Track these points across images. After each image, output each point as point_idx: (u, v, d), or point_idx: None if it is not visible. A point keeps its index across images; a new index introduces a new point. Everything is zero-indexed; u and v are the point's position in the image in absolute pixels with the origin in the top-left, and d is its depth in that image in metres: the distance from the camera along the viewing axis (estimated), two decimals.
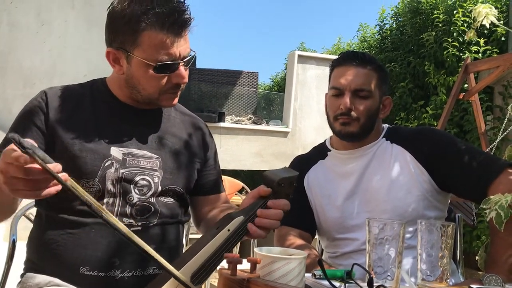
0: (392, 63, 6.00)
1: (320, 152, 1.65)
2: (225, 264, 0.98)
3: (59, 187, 0.90)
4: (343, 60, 1.54)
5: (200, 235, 1.22)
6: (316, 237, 1.65)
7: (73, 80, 1.43)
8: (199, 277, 1.00)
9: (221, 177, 1.52)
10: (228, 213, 1.11)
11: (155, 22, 1.19)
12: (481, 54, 5.24)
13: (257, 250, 0.99)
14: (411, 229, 1.42)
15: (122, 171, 1.25)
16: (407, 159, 1.49)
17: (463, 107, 5.23)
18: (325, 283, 1.03)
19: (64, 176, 0.88)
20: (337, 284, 1.02)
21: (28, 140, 0.86)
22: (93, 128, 1.27)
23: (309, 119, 6.16)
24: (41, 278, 1.22)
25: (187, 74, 1.29)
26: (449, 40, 5.36)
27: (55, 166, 0.87)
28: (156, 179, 1.29)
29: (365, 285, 0.95)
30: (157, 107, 1.36)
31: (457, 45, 5.36)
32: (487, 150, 3.87)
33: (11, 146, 0.89)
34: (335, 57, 1.63)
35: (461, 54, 5.37)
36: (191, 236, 2.81)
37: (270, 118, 6.67)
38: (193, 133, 1.44)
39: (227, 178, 4.07)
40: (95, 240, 1.21)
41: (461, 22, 5.39)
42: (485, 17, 1.74)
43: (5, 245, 1.72)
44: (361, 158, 1.54)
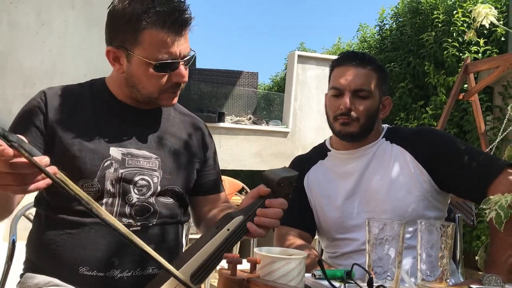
0: (392, 63, 6.00)
1: (320, 152, 1.65)
2: (225, 264, 0.98)
3: (49, 181, 0.87)
4: (343, 60, 1.54)
5: (200, 235, 1.22)
6: (316, 237, 1.66)
7: (73, 80, 1.43)
8: (199, 276, 1.00)
9: (221, 177, 1.52)
10: (227, 213, 1.11)
11: (156, 20, 1.19)
12: (481, 54, 5.23)
13: (257, 250, 0.99)
14: (411, 229, 1.42)
15: (121, 171, 1.25)
16: (407, 159, 1.49)
17: (463, 107, 5.23)
18: (325, 283, 1.03)
19: (52, 169, 0.85)
20: (337, 284, 1.02)
21: (18, 136, 0.83)
22: (92, 128, 1.27)
23: (309, 119, 6.16)
24: (40, 278, 1.22)
25: (187, 73, 1.29)
26: (449, 40, 5.36)
27: (42, 159, 0.84)
28: (155, 179, 1.29)
29: (365, 285, 0.95)
30: (157, 106, 1.36)
31: (457, 45, 5.35)
32: (487, 150, 3.87)
33: None
34: (335, 57, 1.63)
35: (461, 54, 5.36)
36: (191, 236, 2.81)
37: (270, 118, 6.67)
38: (193, 133, 1.44)
39: (227, 178, 4.07)
40: (95, 240, 1.21)
41: (461, 22, 5.39)
42: (484, 17, 1.74)
43: (4, 245, 1.73)
44: (361, 158, 1.54)
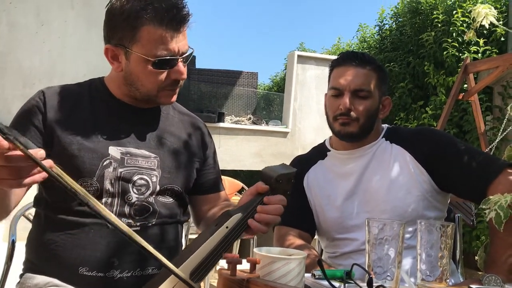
0: (391, 63, 6.00)
1: (319, 152, 1.65)
2: (224, 264, 0.98)
3: (45, 174, 0.86)
4: (343, 60, 1.54)
5: None
6: (315, 237, 1.66)
7: (73, 80, 1.42)
8: (198, 274, 0.99)
9: (221, 176, 1.52)
10: (226, 210, 1.11)
11: (154, 17, 1.19)
12: (480, 54, 5.23)
13: (257, 250, 0.99)
14: (410, 229, 1.42)
15: (120, 170, 1.25)
16: (407, 159, 1.49)
17: (462, 107, 5.23)
18: (325, 283, 1.03)
19: (48, 162, 0.85)
20: (336, 284, 1.02)
21: (13, 129, 0.82)
22: (91, 127, 1.27)
23: (309, 119, 6.16)
24: (40, 278, 1.21)
25: (186, 70, 1.29)
26: (449, 40, 5.36)
27: (37, 151, 0.84)
28: (154, 178, 1.29)
29: (364, 285, 0.95)
30: (156, 104, 1.36)
31: (456, 45, 5.35)
32: (486, 150, 3.87)
33: None
34: (334, 57, 1.63)
35: (460, 54, 5.36)
36: (190, 236, 2.81)
37: (269, 118, 6.66)
38: (192, 132, 1.44)
39: (226, 178, 4.07)
40: (94, 240, 1.21)
41: (461, 22, 5.38)
42: (484, 17, 1.74)
43: (4, 245, 1.72)
44: (360, 158, 1.54)
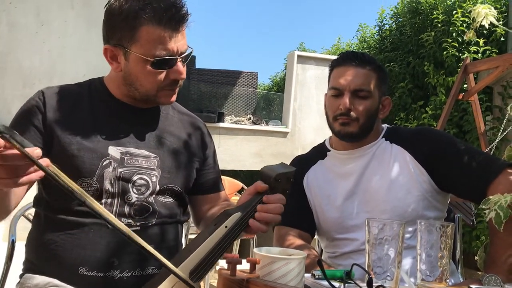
0: (391, 63, 6.00)
1: (319, 152, 1.65)
2: (224, 264, 0.98)
3: (42, 173, 0.86)
4: (343, 60, 1.54)
5: None
6: (315, 237, 1.65)
7: (73, 80, 1.42)
8: (198, 274, 1.00)
9: (220, 176, 1.52)
10: (225, 210, 1.11)
11: (153, 17, 1.19)
12: (480, 54, 5.23)
13: (257, 250, 0.99)
14: (410, 229, 1.42)
15: (120, 170, 1.25)
16: (407, 159, 1.49)
17: (462, 107, 5.23)
18: (325, 283, 1.03)
19: (45, 161, 0.84)
20: (336, 284, 1.02)
21: (9, 128, 0.82)
22: (91, 127, 1.27)
23: (309, 119, 6.16)
24: (40, 278, 1.21)
25: (185, 70, 1.29)
26: (449, 40, 5.36)
27: (33, 150, 0.83)
28: (154, 178, 1.29)
29: (364, 285, 0.95)
30: (155, 104, 1.36)
31: (456, 45, 5.35)
32: (486, 150, 3.87)
33: None
34: (334, 57, 1.63)
35: (460, 54, 5.36)
36: (190, 236, 2.81)
37: (269, 118, 6.66)
38: (192, 132, 1.44)
39: (226, 178, 4.07)
40: (94, 240, 1.21)
41: (461, 22, 5.38)
42: (484, 17, 1.74)
43: (4, 245, 1.72)
44: (360, 158, 1.54)
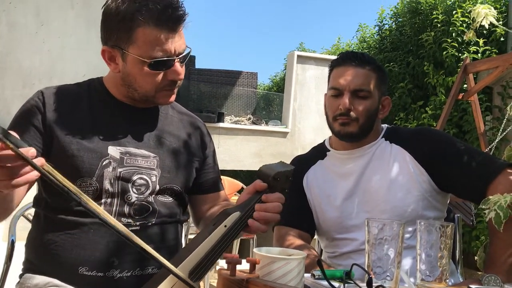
0: (391, 63, 6.00)
1: (319, 152, 1.65)
2: (224, 264, 0.98)
3: (38, 173, 0.85)
4: (342, 60, 1.54)
5: None
6: (315, 237, 1.65)
7: (72, 80, 1.42)
8: (197, 273, 0.99)
9: (220, 176, 1.52)
10: (224, 209, 1.11)
11: (149, 18, 1.19)
12: (480, 54, 5.23)
13: (256, 250, 0.99)
14: (410, 229, 1.42)
15: (119, 170, 1.25)
16: (407, 159, 1.49)
17: (462, 107, 5.23)
18: (324, 283, 1.03)
19: (39, 160, 0.84)
20: (336, 284, 1.02)
21: (2, 128, 0.81)
22: (90, 127, 1.27)
23: (308, 120, 6.16)
24: (39, 278, 1.21)
25: (183, 70, 1.28)
26: (448, 40, 5.36)
27: (28, 150, 0.83)
28: (153, 178, 1.29)
29: (364, 286, 0.95)
30: (154, 105, 1.36)
31: (456, 45, 5.35)
32: (486, 150, 3.87)
33: None
34: (334, 57, 1.63)
35: (460, 54, 5.36)
36: (190, 236, 2.81)
37: (269, 118, 6.66)
38: (191, 132, 1.44)
39: (226, 178, 4.07)
40: (94, 240, 1.21)
41: (460, 22, 5.39)
42: (484, 17, 1.74)
43: (4, 245, 1.72)
44: (360, 158, 1.54)
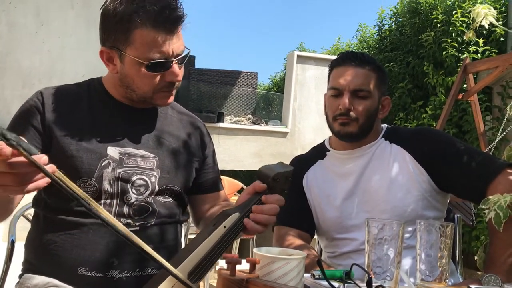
0: (391, 64, 6.00)
1: (319, 152, 1.65)
2: (224, 264, 0.98)
3: (49, 180, 0.85)
4: (342, 60, 1.53)
5: None
6: (315, 237, 1.65)
7: (72, 80, 1.42)
8: (197, 274, 0.99)
9: (220, 176, 1.52)
10: (223, 210, 1.10)
11: (146, 20, 1.18)
12: (480, 54, 5.24)
13: (256, 250, 0.99)
14: (410, 229, 1.42)
15: (119, 170, 1.25)
16: (406, 159, 1.49)
17: (462, 107, 5.23)
18: (324, 283, 1.03)
19: (51, 167, 0.84)
20: (336, 284, 1.02)
21: (15, 135, 0.81)
22: (89, 127, 1.27)
23: (308, 120, 6.16)
24: (39, 279, 1.21)
25: (182, 72, 1.28)
26: (448, 40, 5.37)
27: (40, 157, 0.83)
28: (153, 179, 1.29)
29: (364, 286, 0.95)
30: (152, 106, 1.35)
31: (456, 45, 5.36)
32: (486, 150, 3.87)
33: None
34: (334, 57, 1.63)
35: (460, 54, 5.37)
36: (190, 236, 2.81)
37: (269, 118, 6.66)
38: (191, 132, 1.44)
39: (226, 178, 4.07)
40: (93, 240, 1.21)
41: (460, 22, 5.39)
42: (484, 17, 1.74)
43: (3, 245, 1.72)
44: (360, 158, 1.54)
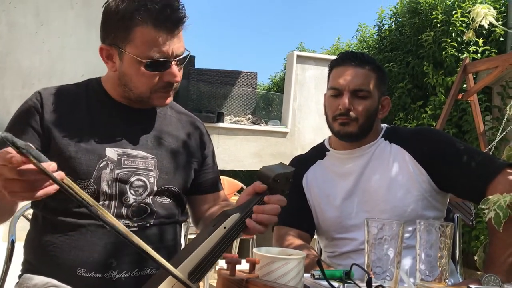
0: (391, 63, 6.00)
1: (318, 152, 1.65)
2: (224, 264, 0.98)
3: (57, 186, 0.87)
4: (342, 60, 1.53)
5: None
6: (314, 237, 1.65)
7: (72, 80, 1.42)
8: (197, 275, 0.99)
9: (219, 176, 1.51)
10: (224, 210, 1.11)
11: (148, 18, 1.18)
12: (479, 54, 5.24)
13: (256, 250, 0.99)
14: (410, 229, 1.42)
15: (117, 171, 1.25)
16: (406, 159, 1.49)
17: (461, 107, 5.23)
18: (324, 283, 1.03)
19: (59, 175, 0.85)
20: (336, 284, 1.02)
21: (26, 142, 0.83)
22: (88, 128, 1.27)
23: (308, 120, 6.16)
24: (38, 279, 1.21)
25: (181, 73, 1.28)
26: (448, 40, 5.37)
27: (49, 165, 0.85)
28: (151, 179, 1.28)
29: (364, 285, 0.95)
30: (150, 106, 1.35)
31: (455, 45, 5.36)
32: (485, 150, 3.87)
33: (6, 148, 0.86)
34: (334, 57, 1.63)
35: (459, 54, 5.36)
36: (190, 236, 2.81)
37: (269, 118, 6.66)
38: (190, 132, 1.44)
39: (226, 178, 4.07)
40: (92, 241, 1.21)
41: (460, 22, 5.39)
42: (483, 17, 1.74)
43: (3, 245, 1.72)
44: (360, 158, 1.54)
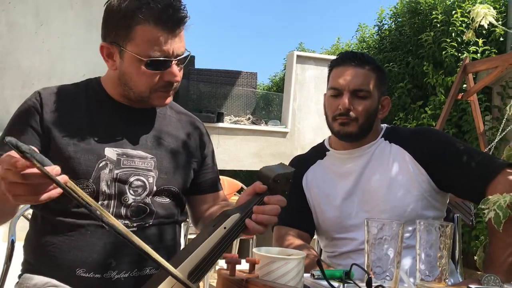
0: (390, 63, 6.00)
1: (318, 152, 1.65)
2: (224, 264, 0.98)
3: (61, 190, 0.88)
4: (342, 60, 1.54)
5: None
6: (314, 237, 1.65)
7: (72, 80, 1.42)
8: (197, 275, 0.99)
9: (219, 176, 1.51)
10: (224, 211, 1.11)
11: (149, 17, 1.19)
12: (479, 54, 5.24)
13: (256, 250, 0.99)
14: (410, 229, 1.42)
15: (116, 171, 1.24)
16: (406, 159, 1.49)
17: (461, 107, 5.23)
18: (324, 283, 1.03)
19: (63, 178, 0.86)
20: (335, 284, 1.02)
21: (30, 146, 0.84)
22: (87, 128, 1.27)
23: (308, 119, 6.16)
24: (38, 279, 1.21)
25: (181, 73, 1.28)
26: (448, 40, 5.37)
27: (53, 168, 0.85)
28: (151, 179, 1.28)
29: (363, 285, 0.95)
30: (149, 106, 1.34)
31: (455, 45, 5.36)
32: (485, 150, 3.87)
33: (9, 152, 0.87)
34: (333, 57, 1.63)
35: (459, 54, 5.37)
36: (190, 236, 2.81)
37: (269, 118, 6.66)
38: (190, 132, 1.43)
39: (226, 178, 4.06)
40: (91, 242, 1.21)
41: (460, 22, 5.39)
42: (483, 17, 1.74)
43: (4, 245, 1.72)
44: (359, 158, 1.54)
